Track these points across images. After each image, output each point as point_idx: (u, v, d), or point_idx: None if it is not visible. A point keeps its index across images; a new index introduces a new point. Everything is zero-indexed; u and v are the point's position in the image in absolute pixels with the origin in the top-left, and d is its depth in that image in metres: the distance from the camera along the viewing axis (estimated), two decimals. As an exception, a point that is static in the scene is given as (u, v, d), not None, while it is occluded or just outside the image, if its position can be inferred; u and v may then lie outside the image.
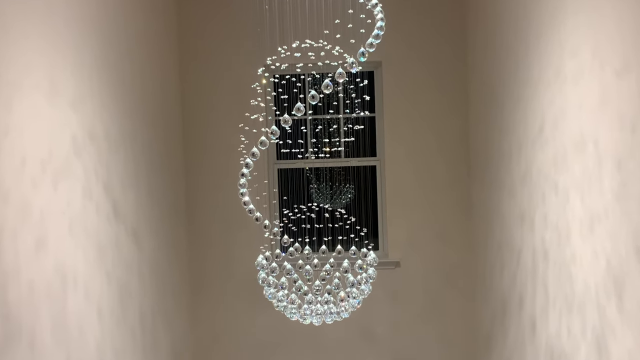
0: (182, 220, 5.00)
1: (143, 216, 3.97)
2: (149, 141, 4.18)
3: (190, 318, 5.11)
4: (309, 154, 4.25)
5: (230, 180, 4.90)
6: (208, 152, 5.14)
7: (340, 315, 3.10)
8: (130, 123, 3.82)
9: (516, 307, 3.82)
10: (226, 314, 5.22)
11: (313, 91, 2.33)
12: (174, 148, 4.87)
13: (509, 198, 3.92)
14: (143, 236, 3.95)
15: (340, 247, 3.13)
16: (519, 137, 3.69)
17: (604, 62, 2.50)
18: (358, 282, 3.04)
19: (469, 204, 5.09)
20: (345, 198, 5.46)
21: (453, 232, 5.14)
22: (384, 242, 5.27)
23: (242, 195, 2.92)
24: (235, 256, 5.17)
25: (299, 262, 3.07)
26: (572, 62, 2.84)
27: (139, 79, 4.02)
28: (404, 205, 5.15)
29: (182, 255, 4.97)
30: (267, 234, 3.06)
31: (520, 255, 3.70)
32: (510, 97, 3.84)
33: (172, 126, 4.84)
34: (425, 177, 5.13)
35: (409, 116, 5.11)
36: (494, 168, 4.28)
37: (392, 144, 5.13)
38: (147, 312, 3.97)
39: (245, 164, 2.80)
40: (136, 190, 3.87)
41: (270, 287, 3.05)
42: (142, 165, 4.00)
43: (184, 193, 5.09)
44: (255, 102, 2.92)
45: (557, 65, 3.03)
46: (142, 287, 3.89)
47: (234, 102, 5.03)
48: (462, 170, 5.11)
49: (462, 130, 5.08)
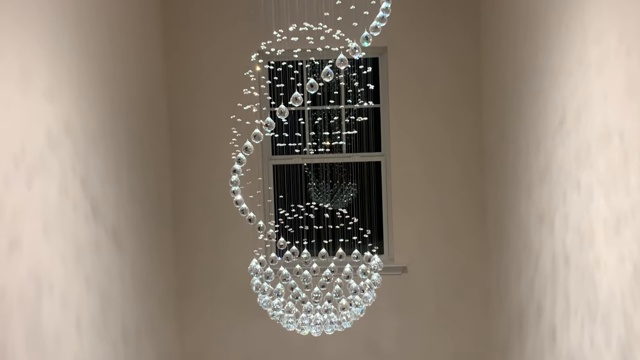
0: (167, 221, 5.00)
1: (125, 216, 3.97)
2: (132, 135, 4.18)
3: (177, 328, 5.11)
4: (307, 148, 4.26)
5: (221, 177, 4.90)
6: (196, 147, 5.13)
7: (342, 325, 3.10)
8: (111, 115, 3.81)
9: (534, 316, 3.82)
10: (216, 324, 5.23)
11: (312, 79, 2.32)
12: (159, 142, 4.86)
13: (527, 197, 3.92)
14: (125, 238, 3.95)
15: (341, 250, 3.13)
16: (537, 130, 3.69)
17: (632, 48, 2.50)
18: (361, 288, 3.04)
19: (482, 204, 5.09)
20: (347, 197, 5.46)
21: (465, 234, 5.14)
22: (389, 246, 5.27)
23: (234, 194, 2.92)
24: (226, 260, 5.17)
25: (296, 267, 3.07)
26: (596, 49, 2.84)
27: (120, 68, 4.01)
28: (411, 205, 5.15)
29: (168, 259, 4.97)
30: (262, 236, 3.05)
31: (539, 260, 3.70)
32: (528, 87, 3.84)
33: (157, 118, 4.83)
34: (435, 174, 5.13)
35: (417, 107, 5.11)
36: (510, 165, 4.28)
37: (399, 138, 5.13)
38: (130, 322, 3.97)
39: (237, 160, 2.80)
40: (117, 187, 3.86)
41: (265, 295, 3.05)
42: (123, 160, 4.00)
43: (170, 191, 5.09)
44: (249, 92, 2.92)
45: (580, 52, 3.03)
46: (125, 293, 3.89)
47: (225, 92, 5.02)
48: (474, 166, 5.11)
49: (475, 123, 5.08)
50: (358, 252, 3.13)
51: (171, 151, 5.11)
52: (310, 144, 3.99)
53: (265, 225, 3.07)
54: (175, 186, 5.13)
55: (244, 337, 5.22)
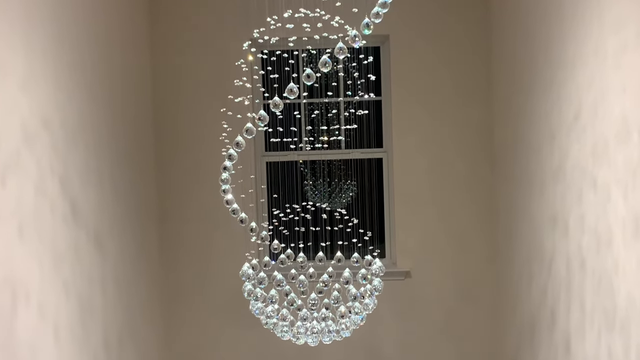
0: (153, 223, 5.00)
1: (107, 217, 3.97)
2: (114, 130, 4.17)
3: (163, 337, 5.11)
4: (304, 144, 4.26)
5: (210, 176, 4.89)
6: (184, 142, 5.13)
7: (340, 334, 3.10)
8: (92, 109, 3.80)
9: (547, 324, 3.84)
10: (205, 333, 5.23)
11: (308, 69, 2.33)
12: (143, 137, 4.86)
13: (539, 197, 3.93)
14: (107, 241, 3.95)
15: (340, 254, 3.13)
16: (551, 125, 3.70)
17: (652, 36, 2.51)
18: (361, 295, 3.04)
19: (492, 205, 5.10)
20: (346, 196, 5.46)
21: (473, 237, 5.16)
22: (391, 249, 5.28)
23: (225, 193, 2.92)
24: (216, 265, 5.17)
25: (291, 272, 3.07)
26: (614, 39, 2.85)
27: (101, 58, 4.01)
28: (415, 205, 5.16)
29: (154, 263, 4.97)
30: (254, 239, 3.06)
31: (552, 264, 3.71)
32: (541, 78, 3.85)
33: (141, 112, 4.83)
34: (441, 172, 5.14)
35: (421, 100, 5.11)
36: (522, 162, 4.29)
37: (402, 133, 5.14)
38: (113, 331, 3.97)
39: (228, 156, 2.80)
40: (99, 187, 3.86)
41: (257, 301, 3.05)
42: (105, 157, 4.00)
43: (155, 190, 5.08)
44: (240, 83, 2.92)
45: (596, 42, 3.04)
46: (107, 300, 3.89)
47: (215, 83, 5.02)
48: (483, 164, 5.12)
49: (484, 117, 5.09)
50: (358, 255, 3.13)
51: (156, 147, 5.11)
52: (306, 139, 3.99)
53: (258, 227, 3.07)
54: (161, 185, 5.13)
55: (235, 347, 5.23)
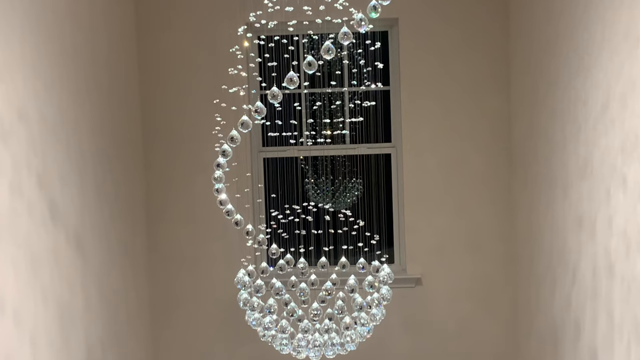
0: (140, 225, 5.00)
1: (89, 219, 3.96)
2: (98, 124, 4.17)
3: (150, 350, 5.11)
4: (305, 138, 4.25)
5: (202, 174, 4.88)
6: (174, 138, 5.12)
7: (345, 348, 3.09)
8: (73, 101, 3.80)
9: (571, 336, 3.82)
10: (196, 346, 5.22)
11: (310, 57, 2.31)
12: (129, 132, 4.85)
13: (563, 196, 3.91)
14: (89, 245, 3.94)
15: (344, 259, 3.13)
16: (576, 118, 3.68)
17: (689, 19, 2.48)
18: (368, 304, 3.03)
19: (510, 205, 5.08)
20: (350, 196, 5.45)
21: (490, 240, 5.14)
22: (400, 253, 5.27)
23: (218, 193, 2.91)
24: (209, 271, 5.17)
25: (291, 279, 3.06)
26: (647, 20, 2.82)
27: (84, 45, 4.00)
28: (426, 205, 5.15)
29: (140, 270, 4.97)
30: (251, 243, 3.04)
31: (577, 270, 3.70)
32: (565, 67, 3.83)
33: (127, 105, 4.82)
34: (454, 169, 5.13)
35: (433, 90, 5.10)
36: (543, 158, 4.28)
37: (412, 126, 5.12)
38: (96, 343, 3.97)
39: (221, 152, 2.79)
40: (80, 186, 3.86)
41: (254, 311, 3.04)
42: (88, 154, 3.99)
43: (142, 190, 5.08)
44: (235, 72, 2.91)
45: (627, 26, 3.01)
46: (89, 309, 3.89)
47: (208, 72, 5.01)
48: (501, 160, 5.10)
49: (502, 108, 5.07)
50: (364, 261, 3.13)
51: (144, 143, 5.10)
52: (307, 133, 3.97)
53: (255, 230, 3.07)
54: (149, 184, 5.13)
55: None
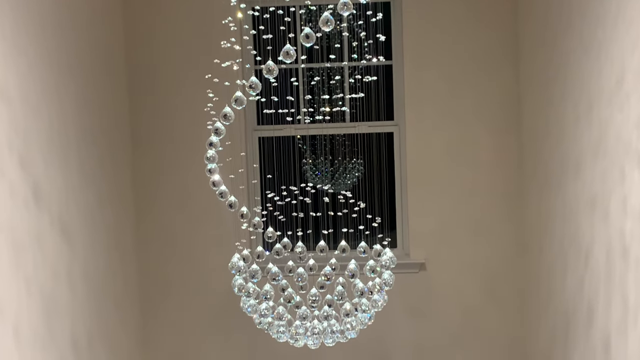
0: (128, 209, 5.00)
1: (75, 202, 3.96)
2: (83, 102, 4.16)
3: (139, 341, 5.14)
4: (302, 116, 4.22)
5: (194, 154, 4.88)
6: (163, 115, 5.11)
7: (345, 335, 3.12)
8: (56, 78, 3.78)
9: (584, 322, 3.86)
10: (189, 336, 5.25)
11: (307, 29, 2.31)
12: (116, 111, 4.84)
13: (575, 177, 3.92)
14: (75, 229, 3.95)
15: (344, 243, 3.14)
16: (589, 93, 3.68)
17: None
18: (369, 290, 3.05)
19: (519, 186, 5.09)
20: (351, 177, 5.46)
21: (498, 223, 5.16)
22: (403, 237, 5.29)
23: (211, 173, 2.91)
24: (201, 257, 5.18)
25: (288, 264, 3.08)
26: (664, -11, 2.82)
27: (67, 22, 3.97)
28: (431, 187, 5.16)
29: (129, 256, 4.98)
30: (245, 226, 3.06)
31: (590, 254, 3.72)
32: (577, 39, 3.82)
33: (113, 82, 4.80)
34: (461, 148, 5.13)
35: (438, 65, 5.09)
36: (555, 136, 4.28)
37: (416, 103, 5.12)
38: (82, 333, 3.99)
39: (214, 130, 2.79)
40: (65, 167, 3.85)
41: (250, 298, 3.06)
42: (72, 134, 3.99)
43: (130, 171, 5.08)
44: (228, 45, 2.90)
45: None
46: (75, 298, 3.90)
47: (199, 45, 4.99)
48: (510, 139, 5.11)
49: (511, 84, 5.06)
50: (365, 245, 3.13)
51: (131, 121, 5.09)
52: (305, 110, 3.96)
53: (250, 212, 3.08)
54: (137, 165, 5.12)
55: (223, 352, 5.25)
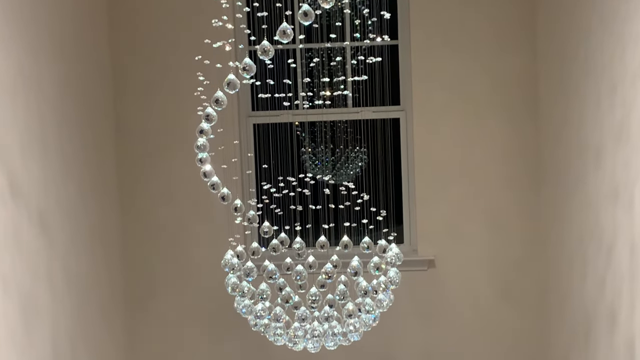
0: (112, 203, 5.00)
1: (55, 196, 3.96)
2: (63, 86, 4.15)
3: (125, 345, 5.15)
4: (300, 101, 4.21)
5: (183, 142, 4.88)
6: (150, 100, 5.11)
7: (348, 338, 3.12)
8: (34, 60, 3.77)
9: (606, 324, 3.86)
10: (178, 339, 5.26)
11: (306, 5, 2.30)
12: (99, 96, 4.83)
13: (596, 165, 3.92)
14: (55, 225, 3.95)
15: (347, 238, 3.14)
16: (611, 74, 3.67)
17: None
18: (373, 289, 3.05)
19: (536, 176, 5.09)
20: (354, 167, 5.45)
21: (513, 217, 5.16)
22: (411, 232, 5.29)
23: (202, 163, 2.91)
24: (192, 254, 5.19)
25: (286, 261, 3.07)
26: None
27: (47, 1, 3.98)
28: (440, 177, 5.16)
29: (114, 253, 4.98)
30: (239, 220, 3.05)
31: (613, 250, 3.72)
32: (598, 16, 3.81)
33: (96, 65, 4.79)
34: (473, 136, 5.13)
35: (448, 45, 5.08)
36: (575, 121, 4.28)
37: (424, 86, 5.11)
38: (64, 338, 3.99)
39: (205, 117, 2.78)
40: (44, 158, 3.85)
41: (244, 298, 3.06)
42: (52, 122, 3.98)
43: (114, 162, 5.07)
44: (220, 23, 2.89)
45: (671, -34, 3.00)
46: (55, 299, 3.90)
47: (188, 24, 4.98)
48: (526, 125, 5.10)
49: (527, 65, 5.05)
50: (369, 240, 3.13)
51: (116, 108, 5.08)
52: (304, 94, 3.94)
53: (245, 205, 3.07)
54: (122, 155, 5.12)
55: (216, 357, 5.25)
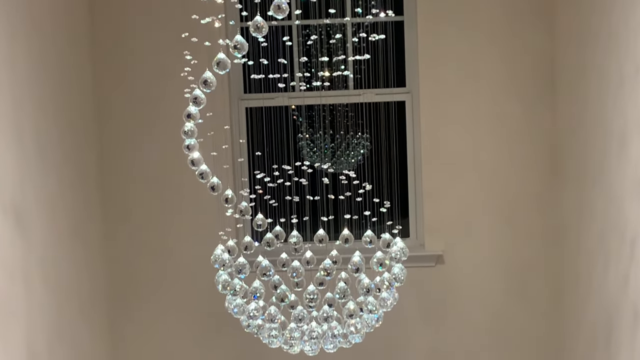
0: (93, 194, 5.00)
1: (31, 187, 3.96)
2: (41, 70, 4.14)
3: (108, 348, 5.15)
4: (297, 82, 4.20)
5: (169, 127, 4.87)
6: (133, 82, 5.10)
7: (349, 340, 3.12)
8: (7, 38, 3.77)
9: (628, 323, 3.87)
10: (164, 341, 5.27)
11: (302, -23, 2.30)
12: (79, 76, 4.82)
13: (619, 152, 3.91)
14: (31, 219, 3.95)
15: (347, 232, 3.14)
16: (635, 53, 3.66)
17: None
18: (376, 287, 3.05)
19: (553, 167, 5.09)
20: (355, 155, 5.45)
21: (528, 209, 5.16)
22: (417, 225, 5.29)
23: (190, 150, 2.91)
24: (179, 249, 5.19)
25: (281, 257, 3.08)
26: None
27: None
28: (449, 166, 5.16)
29: (95, 248, 4.98)
30: (231, 212, 3.05)
31: (636, 244, 3.72)
32: (623, -13, 3.80)
33: (75, 41, 4.78)
34: (485, 121, 5.12)
35: (458, 21, 5.07)
36: (595, 104, 4.27)
37: (431, 66, 5.10)
38: (41, 340, 4.00)
39: (193, 100, 2.78)
40: (19, 146, 3.85)
41: (236, 296, 3.06)
42: (27, 105, 3.97)
43: (96, 149, 5.07)
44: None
45: None
46: (31, 300, 3.91)
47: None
48: (542, 109, 5.10)
49: (544, 44, 5.05)
50: (372, 234, 3.14)
51: (95, 89, 5.07)
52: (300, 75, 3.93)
53: (236, 196, 3.07)
54: (104, 142, 5.11)
55: None
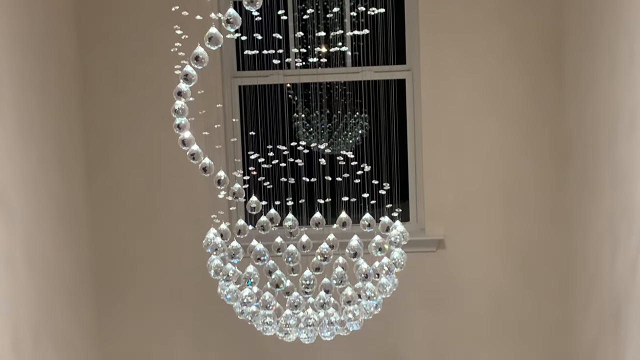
0: (79, 174, 5.00)
1: (12, 167, 3.96)
2: (21, 43, 4.13)
3: (94, 336, 5.17)
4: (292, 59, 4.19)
5: (159, 105, 4.87)
6: (121, 58, 5.08)
7: (346, 327, 3.14)
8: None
9: (638, 311, 3.89)
10: (154, 329, 5.28)
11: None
12: (63, 51, 4.81)
13: (630, 132, 3.92)
14: (13, 201, 3.96)
15: (345, 215, 3.14)
16: (647, 28, 3.66)
17: None
18: (375, 272, 3.06)
19: (559, 147, 5.09)
20: (353, 135, 5.45)
21: (534, 192, 5.16)
22: (418, 209, 5.30)
23: (180, 129, 2.91)
24: (169, 232, 5.20)
25: (276, 241, 3.09)
26: None
27: None
28: (452, 147, 5.16)
29: (81, 232, 4.99)
30: (223, 194, 3.06)
31: (646, 228, 3.73)
32: (634, -40, 3.79)
33: (59, 14, 4.77)
34: (489, 100, 5.12)
35: (461, -5, 5.07)
36: (605, 81, 4.27)
37: (433, 42, 5.09)
38: (25, 329, 4.01)
39: (183, 76, 2.78)
40: (1, 125, 3.84)
41: (229, 282, 3.07)
42: (7, 82, 3.97)
43: (81, 126, 5.06)
44: (200, -31, 2.88)
45: None
46: (16, 288, 3.92)
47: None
48: (549, 88, 5.09)
49: (552, 20, 5.03)
50: (370, 217, 3.14)
51: (82, 65, 5.05)
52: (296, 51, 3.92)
53: (229, 178, 3.07)
54: (90, 119, 5.10)
55: (197, 348, 5.29)
